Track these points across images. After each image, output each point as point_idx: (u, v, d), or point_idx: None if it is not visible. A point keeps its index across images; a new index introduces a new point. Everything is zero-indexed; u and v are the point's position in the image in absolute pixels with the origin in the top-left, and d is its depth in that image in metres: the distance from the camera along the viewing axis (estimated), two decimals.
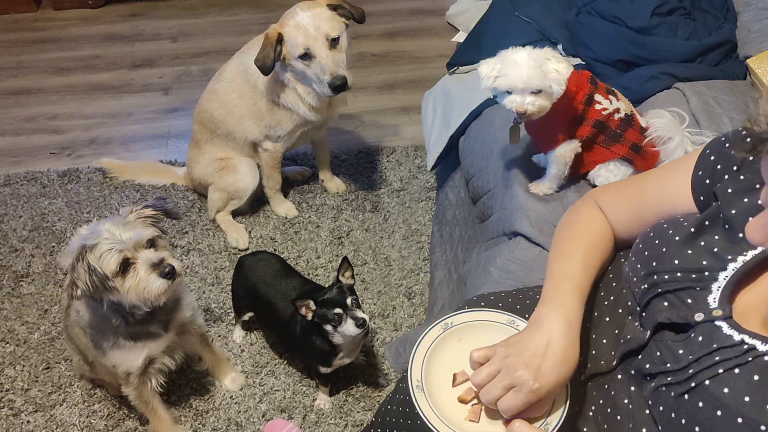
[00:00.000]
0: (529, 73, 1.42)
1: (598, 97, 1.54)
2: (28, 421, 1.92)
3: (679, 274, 0.89)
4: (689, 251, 0.90)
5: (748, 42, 1.93)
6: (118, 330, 1.59)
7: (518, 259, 1.56)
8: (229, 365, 2.02)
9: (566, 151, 1.57)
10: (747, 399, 0.75)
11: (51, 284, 2.29)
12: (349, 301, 1.69)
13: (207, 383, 2.01)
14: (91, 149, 2.87)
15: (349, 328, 1.67)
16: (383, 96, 3.12)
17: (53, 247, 2.41)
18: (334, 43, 2.01)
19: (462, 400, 1.03)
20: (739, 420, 0.75)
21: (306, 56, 2.00)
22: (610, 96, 1.56)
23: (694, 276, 0.88)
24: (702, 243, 0.90)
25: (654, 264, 0.93)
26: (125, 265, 1.46)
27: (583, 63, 2.00)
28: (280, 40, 2.01)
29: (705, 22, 1.93)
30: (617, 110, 1.55)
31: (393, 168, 2.73)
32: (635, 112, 1.61)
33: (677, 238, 0.92)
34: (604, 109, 1.54)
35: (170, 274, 1.49)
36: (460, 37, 2.43)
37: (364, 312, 1.69)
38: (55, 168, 2.73)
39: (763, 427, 0.72)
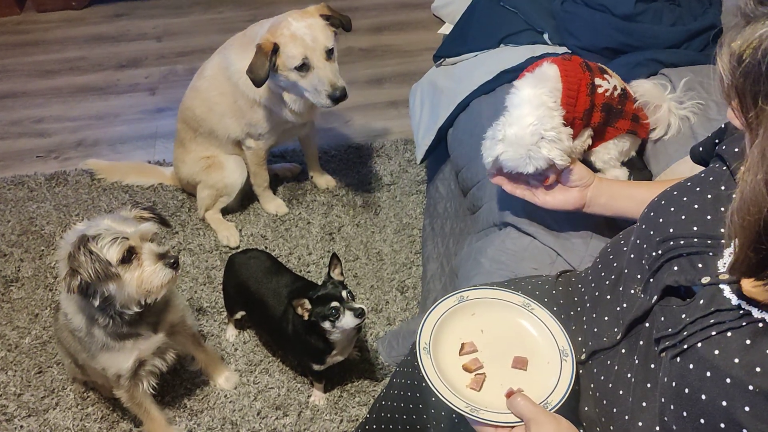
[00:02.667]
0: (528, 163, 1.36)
1: (597, 80, 1.53)
2: (21, 426, 1.91)
3: (696, 240, 0.90)
4: (708, 217, 0.91)
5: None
6: (106, 331, 1.59)
7: (509, 249, 1.56)
8: (222, 364, 2.01)
9: (580, 143, 1.55)
10: (737, 360, 0.75)
11: (41, 288, 2.27)
12: (344, 294, 1.67)
13: (201, 383, 2.01)
14: (78, 152, 2.85)
15: (347, 320, 1.65)
16: (371, 91, 3.11)
17: (42, 251, 2.39)
18: (329, 53, 2.00)
19: (466, 369, 1.03)
20: (728, 380, 0.75)
21: (303, 67, 1.98)
22: (605, 75, 1.55)
23: (710, 242, 0.89)
24: (723, 209, 0.90)
25: (671, 230, 0.93)
26: (129, 255, 1.49)
27: (570, 52, 1.99)
28: (275, 50, 1.96)
29: (690, 8, 1.92)
30: (615, 87, 1.55)
31: (383, 162, 2.72)
32: (624, 84, 1.61)
33: (696, 206, 0.93)
34: (606, 90, 1.53)
35: (175, 264, 1.53)
36: (446, 29, 2.44)
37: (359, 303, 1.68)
38: (42, 171, 2.71)
39: (750, 387, 0.72)
